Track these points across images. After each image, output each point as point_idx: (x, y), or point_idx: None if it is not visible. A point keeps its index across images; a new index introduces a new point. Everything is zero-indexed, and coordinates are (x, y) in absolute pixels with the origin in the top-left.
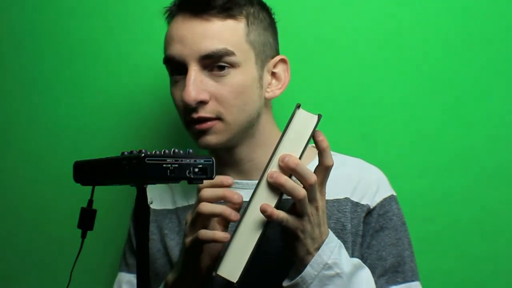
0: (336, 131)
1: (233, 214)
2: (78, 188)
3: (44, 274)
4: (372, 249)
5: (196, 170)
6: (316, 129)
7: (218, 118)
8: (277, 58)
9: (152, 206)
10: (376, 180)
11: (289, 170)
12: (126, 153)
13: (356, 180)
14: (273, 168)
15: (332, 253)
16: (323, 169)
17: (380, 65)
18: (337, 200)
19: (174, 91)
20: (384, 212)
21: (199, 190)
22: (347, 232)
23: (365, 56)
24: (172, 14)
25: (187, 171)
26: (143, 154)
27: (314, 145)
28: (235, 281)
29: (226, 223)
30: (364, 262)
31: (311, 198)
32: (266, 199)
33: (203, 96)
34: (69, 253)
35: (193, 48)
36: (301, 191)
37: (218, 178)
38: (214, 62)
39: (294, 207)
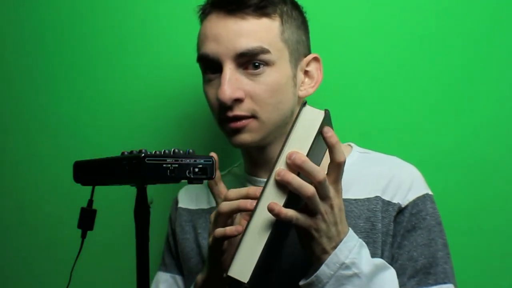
0: (335, 130)
1: (249, 203)
2: (78, 188)
3: (44, 274)
4: (403, 249)
5: (196, 170)
6: (325, 125)
7: (253, 116)
8: (310, 56)
9: (187, 206)
10: (410, 178)
11: (296, 168)
12: (126, 153)
13: (388, 178)
14: (281, 166)
15: (350, 253)
16: (335, 166)
17: (379, 64)
18: (368, 199)
19: (208, 89)
20: (417, 211)
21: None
22: (377, 232)
23: (365, 56)
24: (205, 12)
25: (187, 171)
26: (143, 154)
27: (349, 143)
28: (246, 281)
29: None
30: (395, 263)
31: (323, 196)
32: (274, 198)
33: (239, 94)
34: (69, 253)
35: (228, 46)
36: (309, 189)
37: (250, 190)
38: (249, 60)
39: (305, 205)
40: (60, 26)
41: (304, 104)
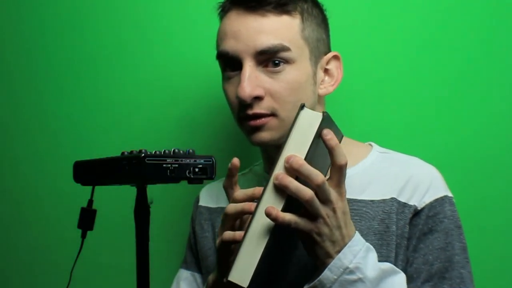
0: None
1: (253, 206)
2: (78, 188)
3: (44, 274)
4: (419, 253)
5: (196, 170)
6: (325, 127)
7: (273, 115)
8: (330, 54)
9: (207, 204)
10: (428, 179)
11: (293, 171)
12: (126, 153)
13: (404, 179)
14: (280, 170)
15: (355, 257)
16: (337, 169)
17: (380, 64)
18: (383, 201)
19: (227, 87)
20: (435, 214)
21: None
22: (391, 234)
23: (364, 56)
24: (225, 10)
25: (187, 171)
26: (143, 154)
27: (370, 142)
28: (245, 286)
29: None
30: (410, 266)
31: (324, 199)
32: (273, 202)
33: (259, 92)
34: (69, 253)
35: (248, 44)
36: (307, 192)
37: (255, 190)
38: (270, 58)
39: (305, 209)
40: (60, 26)
41: (302, 107)
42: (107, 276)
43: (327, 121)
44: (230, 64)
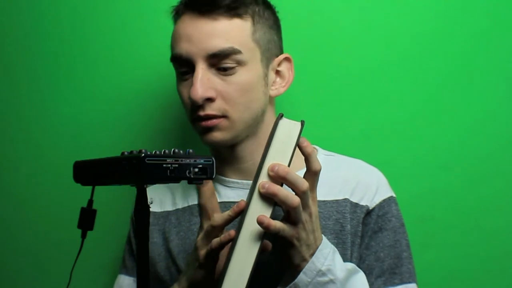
0: (336, 130)
1: (242, 203)
2: (78, 188)
3: (44, 274)
4: (370, 250)
5: (196, 170)
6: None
7: (224, 116)
8: (282, 56)
9: (153, 209)
10: (376, 181)
11: (279, 179)
12: (126, 153)
13: (355, 181)
14: (263, 178)
15: (325, 260)
16: (312, 174)
17: (380, 64)
18: (336, 201)
19: (181, 88)
20: (383, 213)
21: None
22: (346, 233)
23: (365, 56)
24: (179, 13)
25: (187, 171)
26: (143, 154)
27: (314, 146)
28: None
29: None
30: (362, 263)
31: (305, 205)
32: (261, 211)
33: (210, 94)
34: (69, 253)
35: (201, 47)
36: (295, 199)
37: (233, 210)
38: (221, 61)
39: (288, 215)
40: (60, 26)
41: (281, 116)
42: (107, 276)
43: (302, 129)
44: (184, 66)
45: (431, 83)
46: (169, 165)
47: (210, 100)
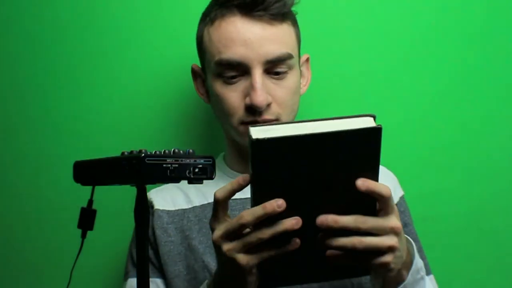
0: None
1: (279, 203)
2: (78, 188)
3: (44, 274)
4: None
5: (196, 170)
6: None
7: (277, 119)
8: (305, 57)
9: (165, 207)
10: (393, 179)
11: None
12: (126, 153)
13: (383, 179)
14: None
15: (417, 256)
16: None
17: (381, 65)
18: None
19: (227, 92)
20: (404, 209)
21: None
22: None
23: (368, 56)
24: (223, 14)
25: (187, 171)
26: (143, 154)
27: None
28: None
29: None
30: None
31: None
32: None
33: (270, 100)
34: (69, 253)
35: (260, 52)
36: (387, 188)
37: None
38: (276, 66)
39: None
40: (60, 25)
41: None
42: (107, 276)
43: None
44: (234, 70)
45: (432, 84)
46: (169, 165)
47: (268, 105)
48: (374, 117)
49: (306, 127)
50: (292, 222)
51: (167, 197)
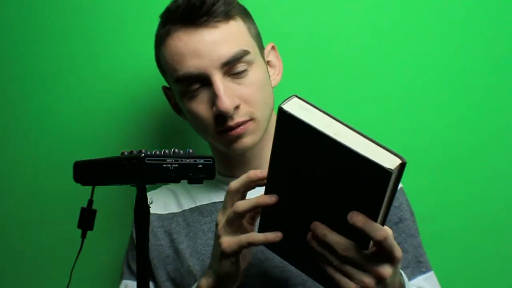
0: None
1: (273, 198)
2: (78, 188)
3: (44, 274)
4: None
5: (196, 170)
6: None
7: (251, 119)
8: (269, 46)
9: (157, 211)
10: None
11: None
12: (126, 153)
13: None
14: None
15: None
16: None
17: (381, 64)
18: None
19: (194, 106)
20: (399, 204)
21: (230, 189)
22: None
23: (365, 56)
24: (168, 32)
25: (187, 171)
26: (143, 154)
27: None
28: None
29: (252, 220)
30: None
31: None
32: None
33: (237, 102)
34: (69, 253)
35: (212, 58)
36: (385, 230)
37: (249, 174)
38: (234, 66)
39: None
40: (60, 25)
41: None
42: (107, 276)
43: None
44: (194, 83)
45: (430, 82)
46: (169, 165)
47: (237, 107)
48: (402, 161)
49: (336, 129)
50: (266, 199)
51: (160, 201)
